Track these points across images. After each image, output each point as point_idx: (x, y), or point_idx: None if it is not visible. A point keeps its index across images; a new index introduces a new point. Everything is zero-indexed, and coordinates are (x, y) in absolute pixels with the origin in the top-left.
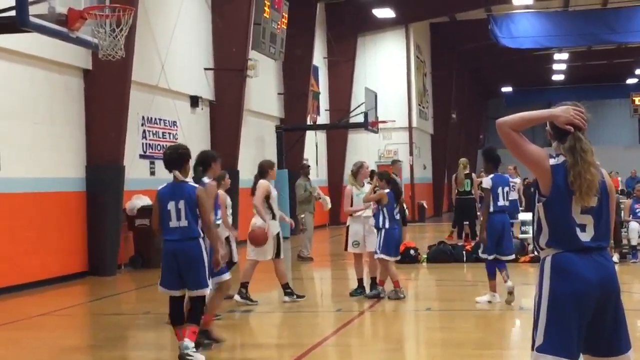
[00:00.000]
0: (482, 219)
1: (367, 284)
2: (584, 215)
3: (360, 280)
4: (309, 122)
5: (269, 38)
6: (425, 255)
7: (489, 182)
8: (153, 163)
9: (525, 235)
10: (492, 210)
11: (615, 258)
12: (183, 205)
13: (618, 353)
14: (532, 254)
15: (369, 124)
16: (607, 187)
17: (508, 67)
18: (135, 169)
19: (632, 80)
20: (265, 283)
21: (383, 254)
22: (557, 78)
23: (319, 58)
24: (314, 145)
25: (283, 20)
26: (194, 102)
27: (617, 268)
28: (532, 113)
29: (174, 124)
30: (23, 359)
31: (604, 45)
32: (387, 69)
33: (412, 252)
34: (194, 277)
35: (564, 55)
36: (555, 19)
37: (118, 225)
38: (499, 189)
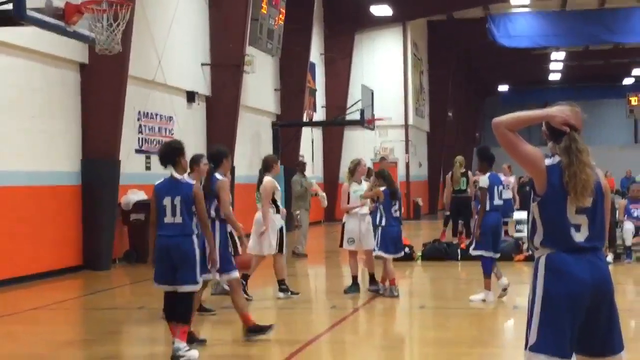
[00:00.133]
0: (478, 217)
1: (362, 281)
2: (579, 216)
3: (355, 278)
4: (305, 118)
5: (266, 34)
6: (420, 253)
7: (486, 180)
8: (149, 158)
9: (520, 234)
10: (488, 209)
11: (610, 258)
12: (179, 202)
13: (611, 353)
14: (526, 253)
15: (365, 121)
16: (602, 187)
17: (505, 65)
18: (131, 164)
19: (628, 81)
20: (262, 279)
21: (381, 251)
22: (553, 77)
23: (316, 54)
24: (310, 142)
25: (280, 17)
26: (191, 97)
27: (611, 268)
28: (528, 113)
29: (170, 119)
30: (17, 353)
31: (601, 46)
32: (384, 67)
33: (406, 249)
34: (184, 272)
35: (561, 55)
36: (553, 19)
37: (113, 220)
38: (495, 188)
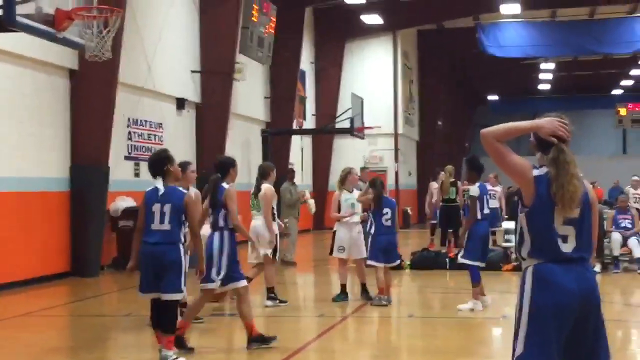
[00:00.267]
0: (465, 226)
1: (350, 290)
2: (566, 227)
3: (344, 286)
4: (295, 126)
5: (257, 42)
6: (409, 262)
7: (477, 190)
8: (138, 164)
9: (509, 244)
10: (479, 218)
11: (597, 268)
12: (168, 209)
13: None
14: (515, 263)
15: (355, 130)
16: (589, 198)
17: (495, 75)
18: (120, 170)
19: (617, 91)
20: (250, 287)
21: (371, 260)
22: (543, 87)
23: (306, 63)
24: (300, 150)
25: (271, 25)
26: (180, 104)
27: (599, 278)
28: (516, 124)
29: (160, 126)
30: None
31: (590, 56)
32: (374, 75)
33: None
34: (169, 280)
35: (550, 65)
36: (542, 29)
37: (101, 226)
38: (484, 197)
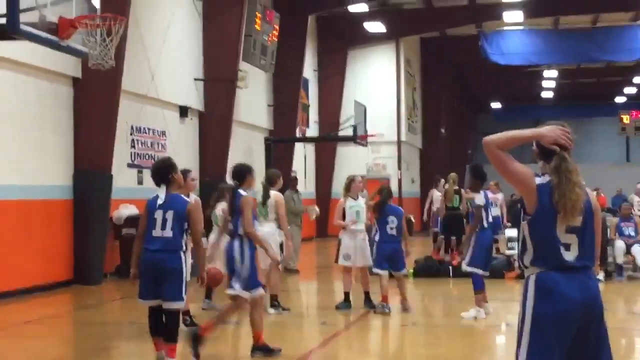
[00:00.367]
0: (468, 234)
1: (354, 298)
2: (569, 235)
3: (347, 294)
4: (298, 134)
5: (260, 50)
6: (412, 270)
7: (483, 199)
8: (141, 172)
9: (512, 252)
10: (485, 226)
11: (601, 276)
12: (171, 216)
13: None
14: (518, 271)
15: (358, 138)
16: (592, 206)
17: (497, 83)
18: (123, 178)
19: (620, 99)
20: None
21: (375, 268)
22: (546, 95)
23: (309, 70)
24: (303, 158)
25: (274, 32)
26: (183, 112)
27: (602, 286)
28: (518, 132)
29: (163, 134)
30: None
31: (593, 64)
32: (376, 83)
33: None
34: (170, 288)
35: (553, 73)
36: (545, 37)
37: (104, 234)
38: (488, 206)
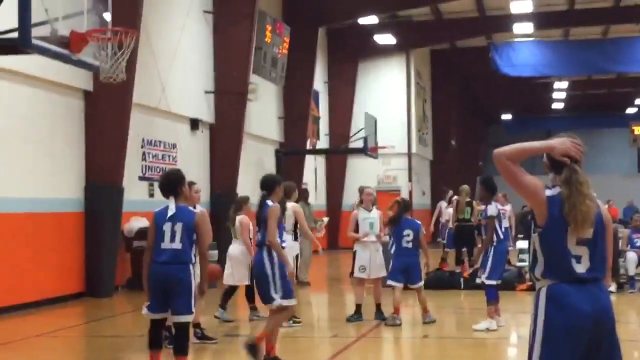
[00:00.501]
0: (482, 245)
1: (365, 310)
2: (580, 247)
3: (359, 306)
4: (309, 146)
5: (270, 62)
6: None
7: (495, 209)
8: (152, 185)
9: (523, 264)
10: (501, 238)
11: (613, 288)
12: (180, 228)
13: None
14: (529, 282)
15: (369, 150)
16: (603, 218)
17: (508, 94)
18: (134, 191)
19: (631, 110)
20: (261, 306)
21: (389, 280)
22: (556, 106)
23: (320, 82)
24: (313, 170)
25: (284, 45)
26: (194, 124)
27: (614, 298)
28: (528, 144)
29: (174, 147)
30: None
31: (604, 75)
32: (387, 95)
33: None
34: (179, 302)
35: (564, 84)
36: (556, 48)
37: (115, 247)
38: (500, 217)
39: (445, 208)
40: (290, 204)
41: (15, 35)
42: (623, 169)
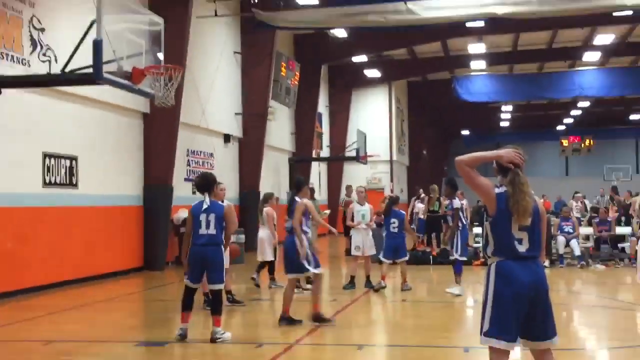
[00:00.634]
0: (451, 230)
1: (356, 281)
2: (521, 232)
3: (352, 277)
4: (314, 155)
5: (285, 91)
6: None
7: (459, 203)
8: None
9: (478, 245)
10: (465, 224)
11: (546, 264)
12: (213, 218)
13: (546, 338)
14: (483, 259)
15: (360, 158)
16: (539, 210)
17: (467, 115)
18: (181, 189)
19: (561, 127)
20: (277, 277)
21: (382, 257)
22: (504, 125)
23: (322, 106)
24: (318, 173)
25: (295, 78)
26: (227, 138)
27: (547, 271)
28: (482, 153)
29: (211, 155)
30: (92, 334)
31: (540, 100)
32: (374, 116)
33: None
34: (214, 274)
35: (509, 107)
36: (503, 80)
37: (167, 232)
38: (463, 209)
39: (416, 202)
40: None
41: (91, 70)
42: (554, 173)
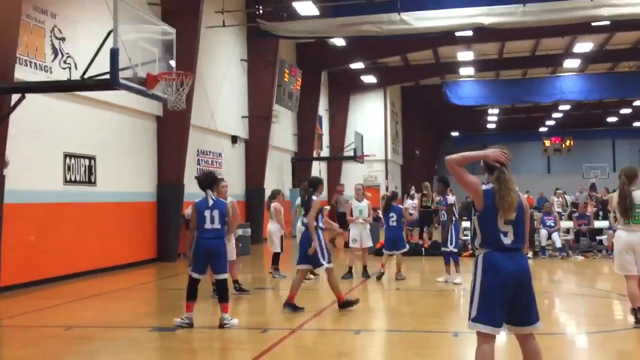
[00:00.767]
0: (447, 224)
1: (354, 271)
2: (506, 225)
3: (351, 267)
4: (315, 155)
5: (288, 95)
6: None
7: (452, 199)
8: None
9: (466, 238)
10: (457, 218)
11: (530, 255)
12: (217, 214)
13: (529, 324)
14: (471, 251)
15: (357, 157)
16: (523, 205)
17: (456, 118)
18: (192, 186)
19: (543, 129)
20: (281, 268)
21: (384, 249)
22: (490, 126)
23: (322, 110)
24: (318, 171)
25: (298, 83)
26: (234, 140)
27: (530, 262)
28: (470, 153)
29: (220, 155)
30: (109, 320)
31: (524, 104)
32: (370, 118)
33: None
34: (220, 265)
35: (496, 111)
36: (490, 85)
37: (178, 226)
38: (455, 204)
39: (407, 199)
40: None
41: (108, 77)
42: (537, 171)
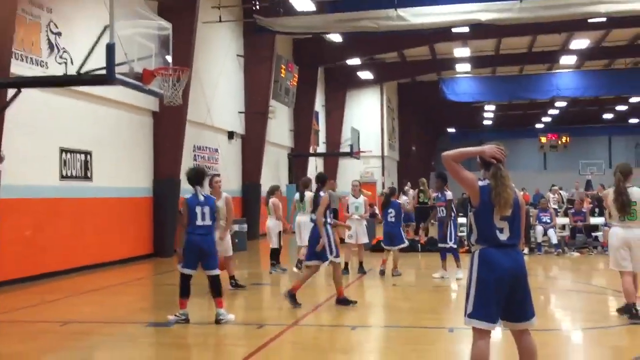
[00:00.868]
0: (446, 221)
1: (351, 267)
2: (502, 222)
3: (347, 264)
4: (312, 151)
5: (284, 91)
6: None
7: (450, 194)
8: None
9: (463, 234)
10: (455, 214)
11: (526, 251)
12: (208, 211)
13: (524, 319)
14: (467, 247)
15: (354, 153)
16: (518, 201)
17: (452, 114)
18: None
19: (539, 125)
20: (278, 262)
21: (384, 245)
22: (487, 123)
23: (319, 106)
24: (315, 167)
25: (294, 79)
26: (230, 135)
27: (526, 258)
28: (467, 149)
29: (216, 151)
30: (106, 315)
31: (520, 101)
32: (366, 114)
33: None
34: (211, 261)
35: (492, 107)
36: (486, 81)
37: (174, 222)
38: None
39: (401, 195)
40: (308, 193)
41: (104, 72)
42: (533, 167)
